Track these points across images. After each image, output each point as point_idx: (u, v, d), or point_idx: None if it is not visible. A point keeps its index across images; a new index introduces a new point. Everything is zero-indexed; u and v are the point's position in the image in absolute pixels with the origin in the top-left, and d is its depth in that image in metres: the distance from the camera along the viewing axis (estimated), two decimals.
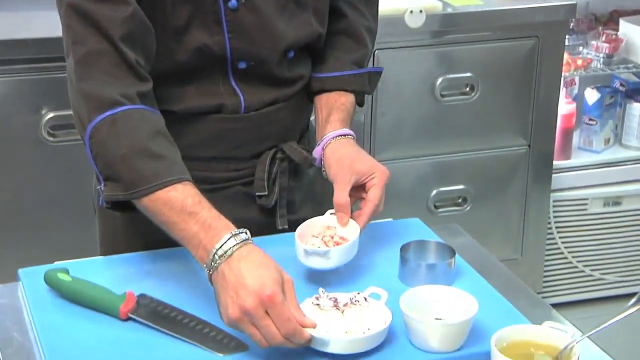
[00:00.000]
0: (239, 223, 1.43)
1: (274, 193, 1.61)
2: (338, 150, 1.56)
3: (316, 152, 1.59)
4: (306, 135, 1.70)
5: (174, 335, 1.36)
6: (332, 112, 1.62)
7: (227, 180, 1.60)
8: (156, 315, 1.39)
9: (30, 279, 1.49)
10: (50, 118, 2.45)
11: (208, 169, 1.59)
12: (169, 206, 1.35)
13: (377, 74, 1.71)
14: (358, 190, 1.54)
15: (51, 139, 2.46)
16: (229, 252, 1.30)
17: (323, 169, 1.57)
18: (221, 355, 1.32)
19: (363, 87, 1.67)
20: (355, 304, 1.36)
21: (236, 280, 1.27)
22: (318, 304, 1.35)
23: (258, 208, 1.61)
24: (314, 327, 1.29)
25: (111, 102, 1.39)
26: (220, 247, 1.30)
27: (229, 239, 1.31)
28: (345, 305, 1.35)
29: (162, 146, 1.41)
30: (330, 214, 1.53)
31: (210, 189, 1.54)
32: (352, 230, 1.50)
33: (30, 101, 2.45)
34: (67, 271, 1.44)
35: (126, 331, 1.37)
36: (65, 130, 2.46)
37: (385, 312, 1.35)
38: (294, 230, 1.50)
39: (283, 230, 1.62)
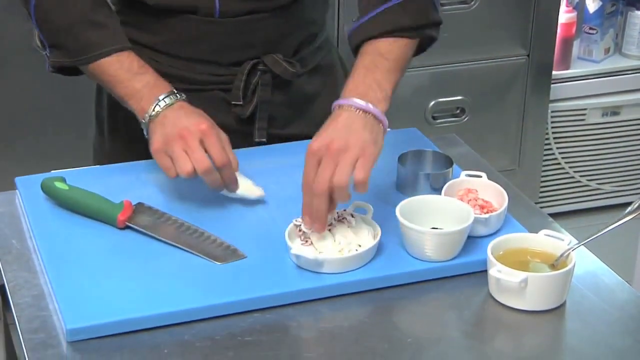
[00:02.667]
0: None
1: (251, 104, 1.59)
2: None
3: None
4: (306, 49, 1.65)
5: (171, 244, 1.36)
6: (355, 68, 1.42)
7: (207, 83, 1.60)
8: (153, 223, 1.39)
9: (27, 188, 1.49)
10: None
11: (188, 69, 1.59)
12: (115, 67, 1.47)
13: (421, 1, 1.48)
14: None
15: None
16: (171, 102, 1.43)
17: None
18: (219, 263, 1.33)
19: (398, 23, 1.45)
20: (342, 222, 1.36)
21: (175, 119, 1.40)
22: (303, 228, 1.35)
23: (236, 116, 1.60)
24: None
25: None
26: (165, 97, 1.43)
27: (173, 94, 1.44)
28: (330, 225, 1.35)
29: (105, 15, 1.50)
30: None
31: (190, 89, 1.55)
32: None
33: (24, 9, 2.41)
34: (64, 180, 1.44)
35: (124, 239, 1.38)
36: None
37: (373, 226, 1.36)
38: (274, 143, 1.48)
39: (260, 143, 1.62)
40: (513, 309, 1.27)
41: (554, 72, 2.96)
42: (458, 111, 2.90)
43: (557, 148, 3.11)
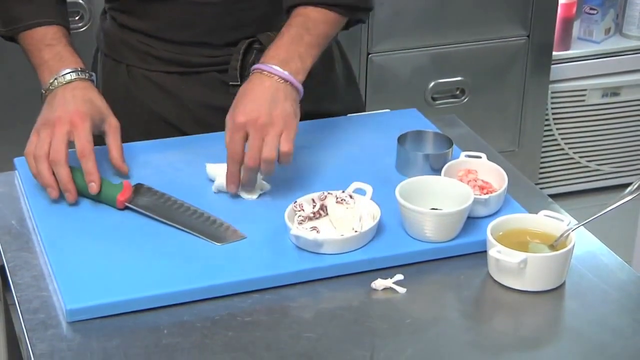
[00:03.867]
0: (213, 109, 1.48)
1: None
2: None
3: None
4: None
5: (171, 224, 1.36)
6: (281, 35, 1.47)
7: (202, 65, 1.59)
8: (153, 204, 1.39)
9: (27, 168, 1.48)
10: None
11: (182, 52, 1.58)
12: (32, 39, 1.51)
13: None
14: None
15: None
16: (68, 79, 1.45)
17: None
18: (218, 244, 1.33)
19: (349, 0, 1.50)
20: (341, 203, 1.36)
21: (60, 101, 1.42)
22: (302, 212, 1.35)
23: (233, 96, 1.60)
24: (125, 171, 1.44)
25: None
26: (65, 75, 1.45)
27: (73, 71, 1.46)
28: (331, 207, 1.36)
29: None
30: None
31: (186, 72, 1.55)
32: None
33: None
34: None
35: (123, 220, 1.38)
36: None
37: (373, 207, 1.36)
38: None
39: None
40: (512, 290, 1.28)
41: (554, 53, 2.96)
42: (458, 92, 2.89)
43: (557, 129, 3.11)
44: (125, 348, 1.17)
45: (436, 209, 1.36)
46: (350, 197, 1.36)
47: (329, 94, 1.65)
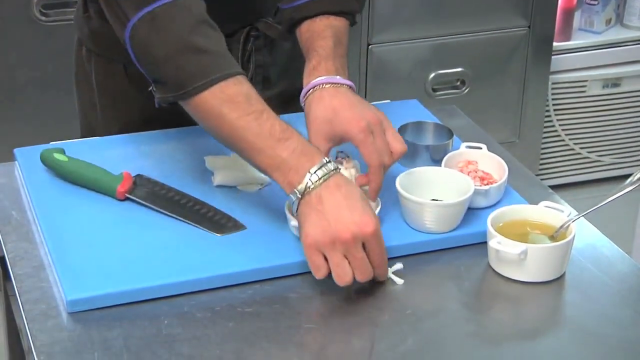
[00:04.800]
0: None
1: (248, 70, 1.59)
2: (311, 106, 1.36)
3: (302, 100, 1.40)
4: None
5: (171, 215, 1.36)
6: (306, 62, 1.42)
7: None
8: (153, 195, 1.39)
9: (27, 159, 1.49)
10: None
11: None
12: (230, 102, 1.28)
13: None
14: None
15: (43, 18, 2.43)
16: (320, 180, 1.23)
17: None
18: (219, 235, 1.33)
19: (350, 6, 1.48)
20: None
21: (334, 208, 1.21)
22: None
23: None
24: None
25: None
26: (317, 171, 1.23)
27: (320, 167, 1.24)
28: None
29: (206, 37, 1.32)
30: None
31: None
32: None
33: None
34: (63, 151, 1.44)
35: (123, 211, 1.38)
36: (57, 10, 2.43)
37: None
38: (269, 106, 1.47)
39: None
40: (512, 281, 1.28)
41: (554, 44, 2.95)
42: (458, 83, 2.89)
43: (558, 120, 3.10)
44: (125, 338, 1.17)
45: (436, 200, 1.36)
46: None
47: (302, 69, 1.64)
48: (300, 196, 1.23)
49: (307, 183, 1.23)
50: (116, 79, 1.60)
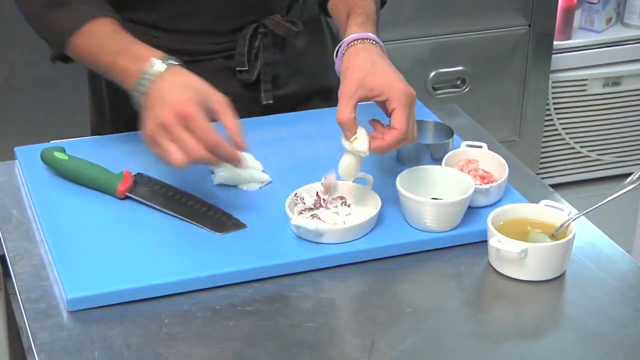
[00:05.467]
0: None
1: (255, 68, 1.59)
2: (349, 59, 1.38)
3: (336, 66, 1.42)
4: (296, 6, 1.65)
5: (171, 214, 1.36)
6: (350, 16, 1.45)
7: (209, 53, 1.59)
8: (153, 194, 1.39)
9: (27, 157, 1.49)
10: None
11: (188, 42, 1.58)
12: (93, 45, 1.42)
13: None
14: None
15: None
16: (154, 73, 1.32)
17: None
18: (219, 233, 1.33)
19: None
20: (343, 205, 1.36)
21: (156, 96, 1.30)
22: (303, 205, 1.35)
23: (241, 82, 1.60)
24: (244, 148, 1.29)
25: None
26: (149, 72, 1.33)
27: (155, 64, 1.34)
28: (333, 199, 1.36)
29: None
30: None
31: (192, 60, 1.54)
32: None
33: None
34: (63, 150, 1.44)
35: (124, 209, 1.38)
36: None
37: (373, 196, 1.35)
38: (279, 105, 1.47)
39: (268, 105, 1.61)
40: (513, 279, 1.28)
41: (555, 42, 2.95)
42: (459, 82, 2.89)
43: (558, 118, 3.10)
44: (125, 337, 1.17)
45: (437, 199, 1.36)
46: (346, 203, 1.36)
47: (322, 69, 1.65)
48: (137, 94, 1.33)
49: (140, 83, 1.33)
50: None
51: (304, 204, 1.35)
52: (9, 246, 1.33)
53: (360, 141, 1.32)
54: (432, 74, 2.84)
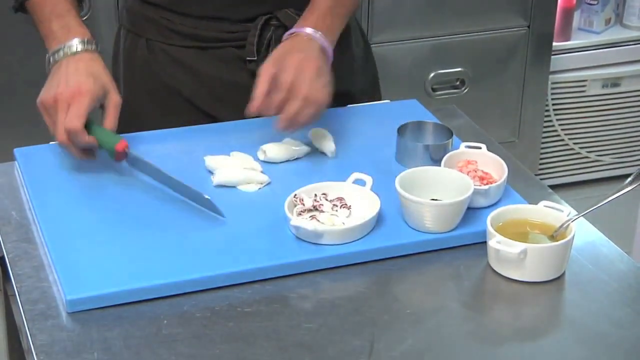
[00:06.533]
0: (229, 84, 1.55)
1: (265, 59, 1.59)
2: (273, 53, 1.49)
3: None
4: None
5: (170, 185, 1.38)
6: (308, 9, 1.53)
7: (219, 40, 1.60)
8: (149, 168, 1.41)
9: (27, 158, 1.49)
10: None
11: (200, 27, 1.59)
12: (45, 10, 1.50)
13: None
14: None
15: None
16: (74, 50, 1.46)
17: None
18: (223, 217, 1.34)
19: None
20: (344, 208, 1.36)
21: (61, 73, 1.44)
22: (302, 206, 1.35)
23: (249, 72, 1.60)
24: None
25: None
26: (71, 45, 1.46)
27: (80, 42, 1.46)
28: (332, 201, 1.36)
29: None
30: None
31: (203, 46, 1.57)
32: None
33: None
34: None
35: (123, 211, 1.38)
36: None
37: (373, 197, 1.35)
38: None
39: None
40: (512, 280, 1.28)
41: (554, 43, 2.95)
42: (458, 83, 2.89)
43: (557, 119, 3.11)
44: (125, 338, 1.17)
45: (436, 200, 1.36)
46: (346, 206, 1.36)
47: (345, 74, 1.65)
48: (51, 61, 1.47)
49: (58, 52, 1.46)
50: (138, 52, 1.64)
51: (303, 205, 1.35)
52: (8, 247, 1.33)
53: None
54: (432, 75, 2.84)
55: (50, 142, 1.52)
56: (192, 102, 1.62)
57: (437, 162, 1.44)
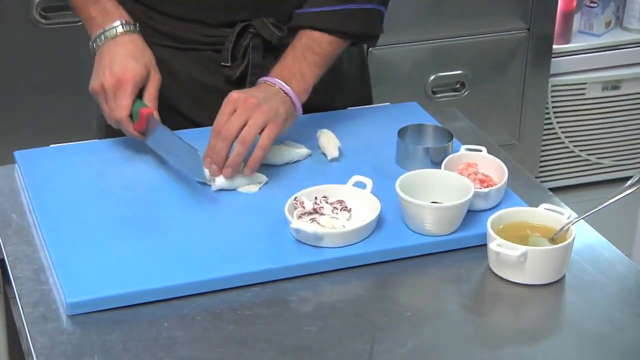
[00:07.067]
0: (206, 87, 1.57)
1: (240, 66, 1.59)
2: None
3: None
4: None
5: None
6: (285, 54, 1.53)
7: (198, 43, 1.60)
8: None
9: (27, 161, 1.49)
10: (40, 0, 2.42)
11: (178, 28, 1.59)
12: None
13: (373, 12, 1.57)
14: None
15: (43, 20, 2.43)
16: (114, 34, 1.50)
17: None
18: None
19: (345, 26, 1.54)
20: (344, 211, 1.36)
21: (108, 61, 1.48)
22: (302, 209, 1.35)
23: (226, 77, 1.60)
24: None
25: None
26: (110, 29, 1.50)
27: (119, 25, 1.50)
28: (332, 203, 1.36)
29: None
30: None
31: (182, 47, 1.58)
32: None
33: None
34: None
35: (124, 214, 1.38)
36: (57, 12, 2.43)
37: (372, 200, 1.35)
38: None
39: None
40: (512, 283, 1.28)
41: (554, 46, 2.95)
42: (458, 85, 2.89)
43: (557, 122, 3.11)
44: (125, 341, 1.17)
45: (436, 203, 1.36)
46: (347, 208, 1.36)
47: (334, 88, 1.65)
48: (95, 47, 1.51)
49: (100, 36, 1.51)
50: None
51: (304, 207, 1.35)
52: (8, 250, 1.33)
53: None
54: (432, 77, 2.84)
55: (51, 145, 1.52)
56: (170, 103, 1.60)
57: (437, 164, 1.44)
